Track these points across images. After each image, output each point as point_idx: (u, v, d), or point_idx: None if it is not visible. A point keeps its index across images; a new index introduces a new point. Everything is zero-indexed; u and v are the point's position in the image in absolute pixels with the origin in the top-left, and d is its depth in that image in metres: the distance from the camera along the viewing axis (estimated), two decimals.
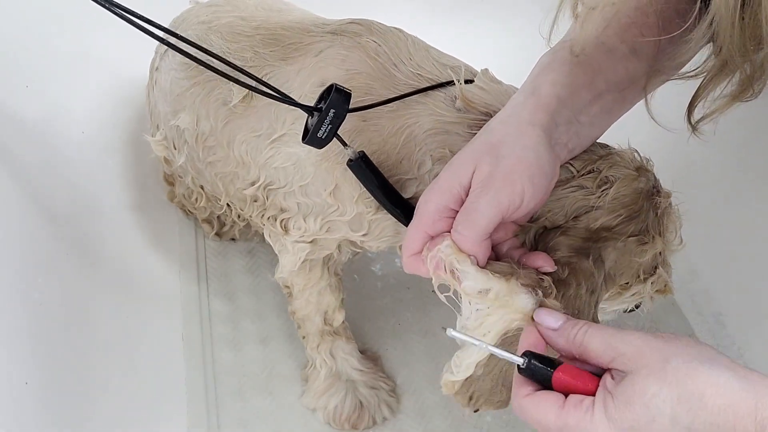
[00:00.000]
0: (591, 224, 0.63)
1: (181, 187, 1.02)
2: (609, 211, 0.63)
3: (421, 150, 0.68)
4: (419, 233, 0.59)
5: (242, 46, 0.78)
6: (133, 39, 0.90)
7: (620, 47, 0.63)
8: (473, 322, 0.56)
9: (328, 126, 0.60)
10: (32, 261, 0.82)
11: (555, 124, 0.60)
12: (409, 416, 0.92)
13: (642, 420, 0.44)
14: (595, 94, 0.62)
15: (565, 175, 0.64)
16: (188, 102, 0.82)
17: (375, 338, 0.99)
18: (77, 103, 1.03)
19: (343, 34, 0.74)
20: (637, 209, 0.64)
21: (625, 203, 0.63)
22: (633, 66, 0.63)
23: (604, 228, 0.63)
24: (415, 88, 0.70)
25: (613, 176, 0.64)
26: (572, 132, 0.61)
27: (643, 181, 0.65)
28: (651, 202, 0.65)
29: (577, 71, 0.62)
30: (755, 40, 0.50)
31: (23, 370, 0.74)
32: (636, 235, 0.64)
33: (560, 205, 0.63)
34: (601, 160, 0.65)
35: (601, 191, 0.63)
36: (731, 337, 0.99)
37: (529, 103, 0.60)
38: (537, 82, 0.61)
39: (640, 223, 0.64)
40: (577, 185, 0.64)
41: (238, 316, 1.00)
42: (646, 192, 0.65)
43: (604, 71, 0.62)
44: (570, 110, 0.61)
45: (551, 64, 0.63)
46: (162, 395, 0.90)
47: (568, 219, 0.64)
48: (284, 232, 0.78)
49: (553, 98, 0.60)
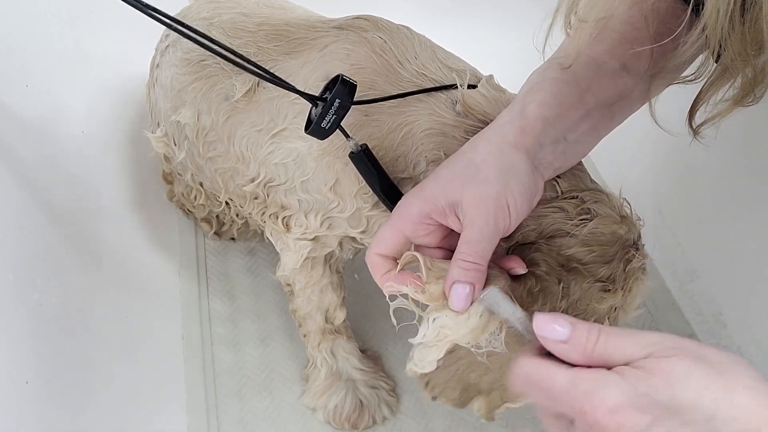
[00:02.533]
0: (563, 250, 0.62)
1: (180, 186, 1.02)
2: (583, 243, 0.62)
3: (417, 150, 0.68)
4: (396, 234, 0.59)
5: (245, 42, 0.78)
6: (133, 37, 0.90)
7: (610, 63, 0.62)
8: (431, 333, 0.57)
9: (332, 116, 0.60)
10: (32, 260, 0.81)
11: (540, 145, 0.60)
12: (409, 416, 0.92)
13: (661, 393, 0.42)
14: (583, 112, 0.62)
15: (549, 193, 0.64)
16: (189, 97, 0.82)
17: (376, 338, 0.99)
18: (77, 102, 1.03)
19: (348, 29, 0.74)
20: (611, 254, 0.63)
21: (601, 241, 0.62)
22: (623, 82, 0.63)
23: (577, 260, 0.62)
24: (419, 87, 0.70)
25: (596, 211, 0.63)
26: (558, 151, 0.61)
27: (624, 229, 0.64)
28: (624, 254, 0.63)
29: (565, 90, 0.61)
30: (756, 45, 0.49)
31: (23, 369, 0.73)
32: (603, 282, 0.63)
33: (537, 223, 0.63)
34: (588, 191, 0.64)
35: (580, 220, 0.63)
36: (731, 338, 0.99)
37: (516, 124, 0.60)
38: (525, 102, 0.61)
39: (609, 270, 0.63)
40: (558, 207, 0.64)
41: (238, 315, 1.00)
42: (624, 240, 0.63)
43: (593, 88, 0.62)
44: (557, 130, 0.60)
45: (540, 83, 0.62)
46: (162, 395, 0.89)
47: (541, 237, 0.63)
48: (286, 229, 0.78)
49: (539, 120, 0.60)
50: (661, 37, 0.58)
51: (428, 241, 0.60)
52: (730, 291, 1.01)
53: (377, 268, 0.60)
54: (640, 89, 0.64)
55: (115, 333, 0.89)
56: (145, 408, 0.86)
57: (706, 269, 1.04)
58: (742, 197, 0.99)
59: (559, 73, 0.62)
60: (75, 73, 1.04)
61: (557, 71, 0.63)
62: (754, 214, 0.97)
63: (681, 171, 1.08)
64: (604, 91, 0.62)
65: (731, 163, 1.01)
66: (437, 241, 0.60)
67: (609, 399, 0.42)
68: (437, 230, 0.60)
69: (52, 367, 0.78)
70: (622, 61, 0.62)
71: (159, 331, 0.95)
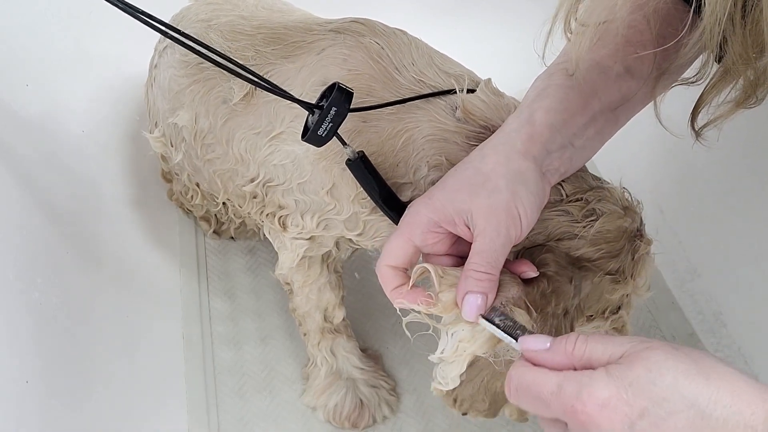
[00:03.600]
0: (572, 251, 0.63)
1: (177, 185, 1.02)
2: (591, 243, 0.63)
3: (418, 155, 0.68)
4: (405, 243, 0.59)
5: (243, 45, 0.78)
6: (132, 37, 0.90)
7: (614, 66, 0.62)
8: (450, 348, 0.57)
9: (329, 124, 0.59)
10: (32, 259, 0.82)
11: (547, 152, 0.60)
12: (409, 415, 0.92)
13: (643, 379, 0.43)
14: (589, 117, 0.62)
15: (554, 196, 0.64)
16: (187, 100, 0.82)
17: (376, 337, 0.99)
18: (77, 101, 1.03)
19: (345, 32, 0.73)
20: (619, 248, 0.64)
21: (608, 239, 0.63)
22: (627, 85, 0.63)
23: (585, 259, 0.63)
24: (417, 93, 0.70)
25: (600, 210, 0.64)
26: (566, 157, 0.61)
27: (629, 221, 0.65)
28: (632, 245, 0.65)
29: (571, 96, 0.61)
30: (757, 48, 0.49)
31: (24, 368, 0.73)
32: (612, 274, 0.64)
33: (544, 226, 0.64)
34: (591, 191, 0.65)
35: (587, 221, 0.63)
36: (731, 337, 0.99)
37: (523, 132, 0.60)
38: (532, 108, 0.61)
39: (618, 263, 0.64)
40: (564, 210, 0.64)
41: (238, 314, 1.01)
42: (629, 232, 0.65)
43: (598, 93, 0.62)
44: (563, 137, 0.60)
45: (546, 89, 0.62)
46: (162, 394, 0.90)
47: (549, 240, 0.64)
48: (282, 228, 0.78)
49: (547, 128, 0.60)
50: (664, 40, 0.58)
51: (437, 249, 0.60)
52: (730, 290, 1.01)
53: (388, 281, 0.59)
54: (643, 92, 0.64)
55: (115, 332, 0.90)
56: (146, 406, 0.87)
57: (707, 268, 1.04)
58: (744, 197, 0.99)
59: (564, 79, 0.62)
60: (75, 73, 1.04)
61: (562, 77, 0.63)
62: (755, 214, 0.97)
63: (682, 170, 1.08)
64: (609, 95, 0.63)
65: (732, 163, 1.00)
66: (446, 248, 0.60)
67: (597, 394, 0.43)
68: (446, 238, 0.60)
69: (52, 365, 0.78)
70: (626, 65, 0.62)
71: (159, 330, 0.95)
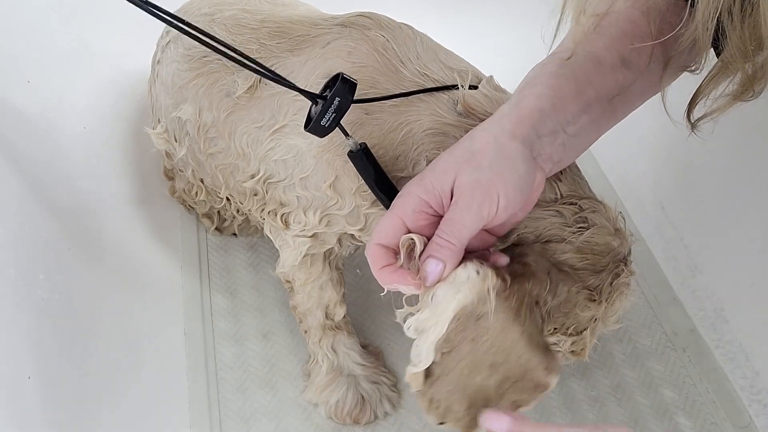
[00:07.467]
0: (557, 254, 0.63)
1: (181, 182, 1.02)
2: (578, 250, 0.63)
3: (418, 149, 0.68)
4: (396, 223, 0.59)
5: (247, 38, 0.78)
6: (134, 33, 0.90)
7: (609, 58, 0.63)
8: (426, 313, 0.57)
9: (332, 115, 0.59)
10: (34, 256, 0.82)
11: (537, 135, 0.60)
12: (410, 411, 0.92)
13: None
14: (582, 105, 0.62)
15: (549, 195, 0.64)
16: (191, 93, 0.82)
17: (377, 333, 0.99)
18: (79, 98, 1.03)
19: (351, 26, 0.74)
20: (602, 265, 0.64)
21: (595, 251, 0.64)
22: (623, 76, 0.63)
23: (569, 265, 0.63)
24: (421, 87, 0.70)
25: (592, 221, 0.64)
26: (558, 143, 0.61)
27: (618, 242, 0.65)
28: (614, 267, 0.65)
29: (563, 83, 0.61)
30: (755, 42, 0.50)
31: (25, 364, 0.73)
32: (590, 290, 0.64)
33: (534, 225, 0.64)
34: (586, 200, 0.65)
35: (577, 227, 0.64)
36: (733, 333, 0.99)
37: (513, 115, 0.60)
38: (522, 94, 0.61)
39: (598, 281, 0.64)
40: (557, 211, 0.64)
41: (240, 311, 1.00)
42: (616, 253, 0.65)
43: (593, 81, 0.62)
44: (554, 122, 0.60)
45: (538, 77, 0.63)
46: (164, 390, 0.90)
47: (538, 240, 0.64)
48: (285, 226, 0.78)
49: (535, 111, 0.60)
50: (662, 33, 0.59)
51: (428, 232, 0.60)
52: (732, 286, 1.01)
53: (377, 259, 0.60)
54: (640, 84, 0.64)
55: (117, 328, 0.90)
56: (148, 403, 0.86)
57: (709, 264, 1.04)
58: (745, 192, 0.99)
59: (557, 68, 0.62)
60: (77, 69, 1.04)
61: (556, 65, 0.63)
62: (756, 210, 0.97)
63: (683, 166, 1.08)
64: (604, 84, 0.63)
65: (734, 159, 1.00)
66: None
67: None
68: (437, 221, 0.60)
69: (54, 362, 0.78)
70: (622, 56, 0.63)
71: (161, 326, 0.95)
